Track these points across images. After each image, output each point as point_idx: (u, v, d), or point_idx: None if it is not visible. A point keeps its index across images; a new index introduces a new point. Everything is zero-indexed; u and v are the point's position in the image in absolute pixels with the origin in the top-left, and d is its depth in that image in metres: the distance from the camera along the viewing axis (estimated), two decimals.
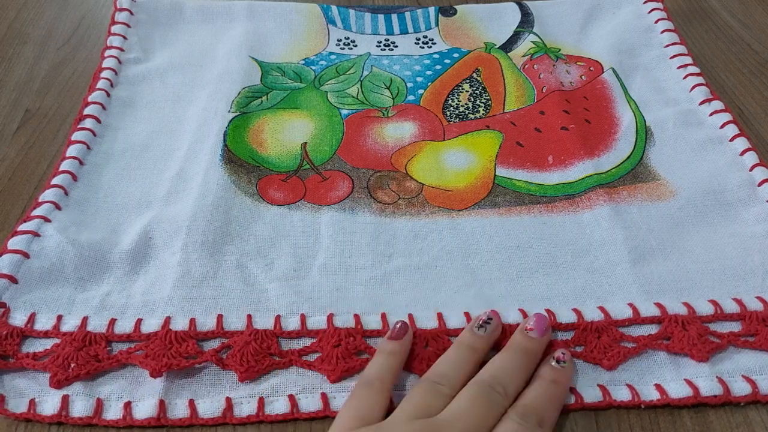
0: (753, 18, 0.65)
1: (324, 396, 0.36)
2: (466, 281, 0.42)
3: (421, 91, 0.56)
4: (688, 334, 0.38)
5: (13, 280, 0.39)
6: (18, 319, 0.38)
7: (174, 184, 0.47)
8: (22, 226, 0.42)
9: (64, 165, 0.47)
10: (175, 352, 0.37)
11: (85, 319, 0.38)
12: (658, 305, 0.40)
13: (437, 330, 0.39)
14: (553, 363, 0.35)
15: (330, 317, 0.39)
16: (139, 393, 0.36)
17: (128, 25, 0.60)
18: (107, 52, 0.57)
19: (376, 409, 0.32)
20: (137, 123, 0.52)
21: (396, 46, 0.61)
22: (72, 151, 0.48)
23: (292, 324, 0.39)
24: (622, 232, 0.44)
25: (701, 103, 0.53)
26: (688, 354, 0.37)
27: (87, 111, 0.51)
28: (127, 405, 0.35)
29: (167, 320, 0.38)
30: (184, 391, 0.36)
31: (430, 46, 0.61)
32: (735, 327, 0.39)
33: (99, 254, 0.42)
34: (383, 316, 0.39)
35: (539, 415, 0.32)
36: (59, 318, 0.38)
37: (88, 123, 0.50)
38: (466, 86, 0.57)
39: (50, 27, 0.63)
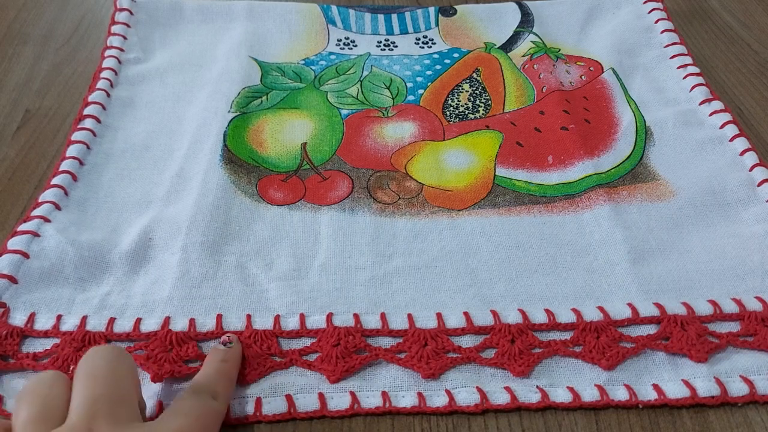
0: (753, 18, 0.65)
1: (321, 396, 0.36)
2: (465, 281, 0.42)
3: (421, 91, 0.56)
4: (687, 334, 0.38)
5: (13, 280, 0.39)
6: (18, 319, 0.38)
7: (174, 184, 0.47)
8: (22, 227, 0.42)
9: (64, 165, 0.47)
10: (176, 356, 0.37)
11: (84, 319, 0.38)
12: (657, 305, 0.40)
13: (436, 330, 0.39)
14: (220, 346, 0.36)
15: (329, 317, 0.39)
16: None
17: (128, 25, 0.60)
18: (107, 52, 0.57)
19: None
20: (137, 123, 0.52)
21: (396, 46, 0.61)
22: (72, 151, 0.48)
23: (291, 324, 0.39)
24: (622, 232, 0.44)
25: (701, 103, 0.53)
26: (686, 354, 0.37)
27: (87, 111, 0.51)
28: None
29: (167, 320, 0.38)
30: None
31: (430, 46, 0.61)
32: (734, 327, 0.39)
33: (99, 254, 0.42)
34: (383, 315, 0.39)
35: (210, 388, 0.33)
36: (59, 318, 0.38)
37: (88, 123, 0.50)
38: (466, 86, 0.57)
39: (50, 27, 0.63)
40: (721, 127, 0.51)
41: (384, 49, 0.61)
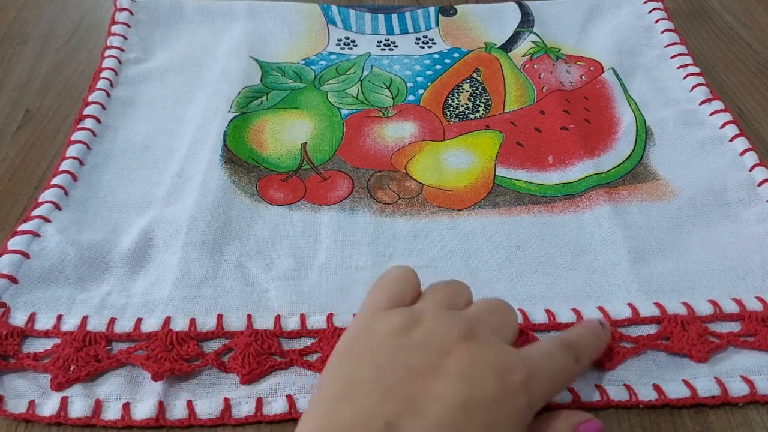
0: (753, 18, 0.65)
1: None
2: (465, 281, 0.42)
3: (421, 91, 0.56)
4: (687, 334, 0.38)
5: (13, 280, 0.39)
6: (18, 318, 0.38)
7: (174, 184, 0.47)
8: (22, 226, 0.42)
9: (64, 165, 0.47)
10: (177, 355, 0.37)
11: (85, 319, 0.38)
12: (658, 305, 0.40)
13: None
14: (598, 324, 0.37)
15: (329, 317, 0.39)
16: (138, 394, 0.36)
17: (128, 25, 0.60)
18: (107, 52, 0.57)
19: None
20: (137, 123, 0.52)
21: (396, 46, 0.61)
22: (72, 151, 0.48)
23: (291, 324, 0.39)
24: (622, 232, 0.44)
25: (701, 103, 0.53)
26: (687, 354, 0.37)
27: (87, 111, 0.51)
28: (126, 406, 0.35)
29: (167, 320, 0.38)
30: (183, 392, 0.36)
31: (430, 46, 0.61)
32: (734, 327, 0.39)
33: (99, 254, 0.42)
34: None
35: (579, 351, 0.33)
36: (59, 318, 0.38)
37: (88, 123, 0.50)
38: (466, 86, 0.57)
39: (50, 27, 0.63)
40: (722, 127, 0.51)
41: (384, 49, 0.61)
